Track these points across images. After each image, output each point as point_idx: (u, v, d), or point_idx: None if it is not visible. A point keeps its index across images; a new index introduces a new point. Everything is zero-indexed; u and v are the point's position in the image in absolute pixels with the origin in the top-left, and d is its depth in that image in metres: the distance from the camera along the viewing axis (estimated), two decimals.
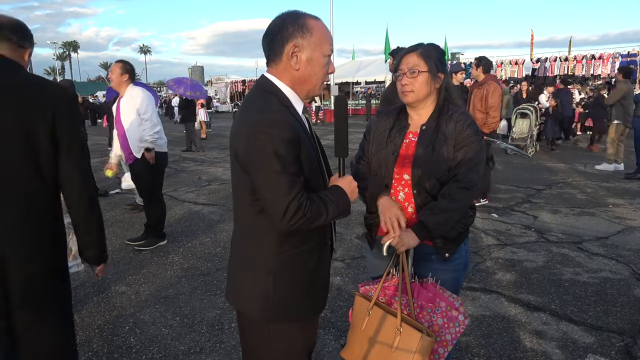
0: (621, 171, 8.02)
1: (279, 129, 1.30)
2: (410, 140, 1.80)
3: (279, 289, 1.44)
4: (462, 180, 1.69)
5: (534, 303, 3.23)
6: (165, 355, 2.66)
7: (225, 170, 9.06)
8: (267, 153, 1.29)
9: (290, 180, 1.30)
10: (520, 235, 4.74)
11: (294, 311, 1.49)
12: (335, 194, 1.43)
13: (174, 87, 12.36)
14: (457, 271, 1.83)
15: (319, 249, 1.52)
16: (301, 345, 1.55)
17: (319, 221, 1.36)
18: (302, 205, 1.30)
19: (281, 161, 1.28)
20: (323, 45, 1.42)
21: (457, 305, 1.67)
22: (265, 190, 1.33)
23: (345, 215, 1.49)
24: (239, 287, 1.53)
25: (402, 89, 1.78)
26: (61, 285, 1.77)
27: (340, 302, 3.26)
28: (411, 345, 1.56)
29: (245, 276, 1.50)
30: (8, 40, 1.67)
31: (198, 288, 3.56)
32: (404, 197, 1.79)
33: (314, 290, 1.52)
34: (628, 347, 2.67)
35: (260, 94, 1.43)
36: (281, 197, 1.29)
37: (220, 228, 5.12)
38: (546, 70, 19.11)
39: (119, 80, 4.15)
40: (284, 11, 1.45)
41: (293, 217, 1.30)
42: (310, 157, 1.41)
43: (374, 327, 1.67)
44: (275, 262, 1.44)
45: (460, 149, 1.70)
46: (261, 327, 1.50)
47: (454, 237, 1.77)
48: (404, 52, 1.80)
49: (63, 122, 1.64)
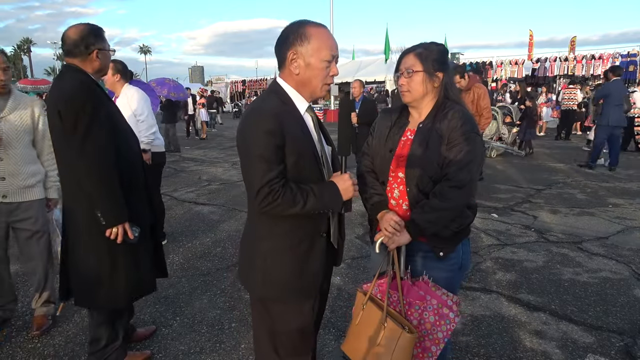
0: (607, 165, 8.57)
1: (263, 120, 1.47)
2: (407, 138, 1.82)
3: (270, 270, 1.60)
4: (452, 179, 1.68)
5: (533, 303, 3.23)
6: (165, 355, 2.66)
7: (225, 170, 9.05)
8: (250, 140, 1.48)
9: (267, 167, 1.46)
10: (520, 235, 4.74)
11: (285, 292, 1.62)
12: (323, 188, 1.54)
13: (157, 89, 12.30)
14: (451, 271, 1.82)
15: (310, 238, 1.61)
16: (294, 326, 1.66)
17: (293, 209, 1.49)
18: (273, 190, 1.45)
19: (260, 149, 1.45)
20: (322, 51, 1.55)
21: (451, 303, 1.68)
22: (244, 173, 1.54)
23: (335, 210, 1.61)
24: (242, 267, 1.72)
25: (399, 89, 1.82)
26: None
27: (340, 302, 3.26)
28: (392, 341, 1.60)
29: (247, 257, 1.67)
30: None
31: (198, 288, 3.56)
32: (399, 194, 1.81)
33: (304, 276, 1.62)
34: (628, 347, 2.67)
35: (266, 94, 1.63)
36: (256, 180, 1.47)
37: (220, 228, 5.12)
38: (546, 70, 19.10)
39: (111, 80, 4.13)
40: (294, 21, 1.61)
41: (263, 200, 1.46)
42: (302, 150, 1.53)
43: (366, 321, 1.73)
44: (266, 244, 1.60)
45: (452, 147, 1.69)
46: (260, 304, 1.68)
47: (448, 237, 1.76)
48: (404, 52, 1.82)
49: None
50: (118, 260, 2.18)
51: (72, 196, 2.16)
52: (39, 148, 2.81)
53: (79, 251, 2.18)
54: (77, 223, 2.17)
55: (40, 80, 15.78)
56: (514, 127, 10.31)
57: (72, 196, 2.16)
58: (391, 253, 1.74)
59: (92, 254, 2.15)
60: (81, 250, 2.17)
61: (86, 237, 2.15)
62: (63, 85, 2.11)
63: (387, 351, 1.60)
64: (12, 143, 2.61)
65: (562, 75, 18.95)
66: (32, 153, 2.76)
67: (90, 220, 2.09)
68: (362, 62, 25.54)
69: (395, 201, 1.82)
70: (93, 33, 2.18)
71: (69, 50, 2.15)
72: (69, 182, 2.16)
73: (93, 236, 2.13)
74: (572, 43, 19.51)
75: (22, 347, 2.73)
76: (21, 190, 2.68)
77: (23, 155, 2.67)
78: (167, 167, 9.23)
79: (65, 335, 2.86)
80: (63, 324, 2.99)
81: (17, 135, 2.64)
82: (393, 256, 1.74)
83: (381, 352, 1.61)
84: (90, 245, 2.15)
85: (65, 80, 2.13)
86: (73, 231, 2.19)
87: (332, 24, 23.20)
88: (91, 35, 2.16)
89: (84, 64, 2.17)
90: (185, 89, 13.61)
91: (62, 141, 2.09)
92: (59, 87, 2.13)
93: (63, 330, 2.92)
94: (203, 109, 15.98)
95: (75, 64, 2.16)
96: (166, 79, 13.06)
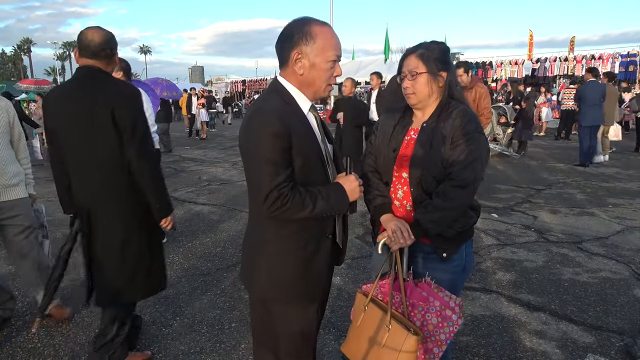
0: (606, 161, 9.08)
1: (268, 123, 1.42)
2: (411, 138, 1.81)
3: (273, 272, 1.57)
4: (455, 179, 1.67)
5: (533, 303, 3.23)
6: (165, 355, 2.66)
7: (225, 170, 9.06)
8: (257, 144, 1.43)
9: (274, 171, 1.41)
10: (520, 235, 4.74)
11: (289, 294, 1.59)
12: (330, 190, 1.51)
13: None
14: (454, 273, 1.81)
15: (316, 240, 1.58)
16: (296, 328, 1.63)
17: (302, 212, 1.46)
18: (282, 195, 1.41)
19: (267, 152, 1.41)
20: (327, 51, 1.51)
21: (453, 305, 1.66)
22: (250, 177, 1.50)
23: (342, 212, 1.58)
24: (245, 268, 1.68)
25: (404, 92, 1.79)
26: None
27: (340, 302, 3.26)
28: (397, 344, 1.58)
29: (250, 258, 1.64)
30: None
31: (198, 288, 3.56)
32: (402, 195, 1.80)
33: (308, 278, 1.59)
34: (628, 347, 2.67)
35: (268, 94, 1.58)
36: (263, 185, 1.42)
37: (220, 228, 5.12)
38: (546, 70, 19.10)
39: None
40: (296, 18, 1.56)
41: (272, 204, 1.42)
42: (309, 151, 1.50)
43: (368, 323, 1.71)
44: (272, 246, 1.56)
45: (456, 147, 1.68)
46: (262, 306, 1.64)
47: (451, 237, 1.75)
48: (405, 53, 1.80)
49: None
50: (156, 252, 2.35)
51: (103, 197, 2.18)
52: (15, 148, 2.88)
53: (113, 248, 2.22)
54: (110, 223, 2.20)
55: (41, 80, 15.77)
56: (508, 127, 10.24)
57: (103, 197, 2.18)
58: (394, 254, 1.73)
59: (132, 249, 2.24)
60: (117, 247, 2.21)
61: (124, 234, 2.21)
62: (118, 88, 2.19)
63: (392, 353, 1.58)
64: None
65: (562, 75, 18.94)
66: (12, 153, 2.82)
67: (129, 218, 2.20)
68: (362, 62, 25.50)
69: (399, 202, 1.81)
70: (114, 38, 2.29)
71: (95, 53, 2.18)
72: (99, 183, 2.17)
73: (133, 232, 2.23)
74: (571, 43, 19.51)
75: (22, 347, 2.73)
76: (8, 189, 2.74)
77: (4, 157, 2.73)
78: (167, 167, 9.27)
79: (65, 335, 2.86)
80: (63, 323, 2.99)
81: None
82: (396, 257, 1.72)
83: (386, 354, 1.59)
84: (132, 241, 2.23)
85: (114, 83, 2.22)
86: (104, 230, 2.21)
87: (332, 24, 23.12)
88: (114, 40, 2.27)
89: (107, 66, 2.25)
90: (178, 88, 13.61)
91: (109, 142, 2.11)
92: (116, 90, 2.17)
93: (63, 330, 2.92)
94: (203, 109, 15.97)
95: (99, 66, 2.20)
96: (159, 78, 13.10)
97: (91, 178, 2.18)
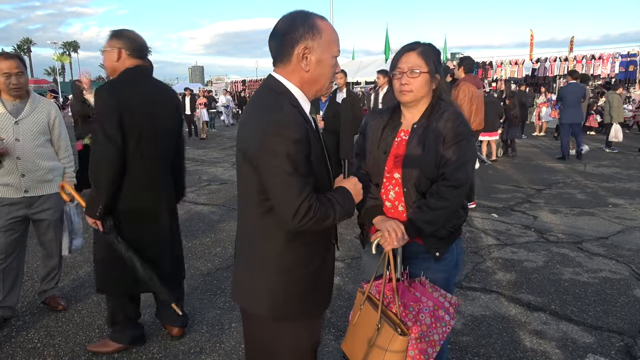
0: (588, 151, 9.71)
1: (291, 131, 1.30)
2: (402, 139, 1.81)
3: (284, 288, 1.45)
4: (449, 179, 1.68)
5: (533, 303, 3.23)
6: (165, 355, 2.66)
7: (225, 170, 9.05)
8: (279, 155, 1.29)
9: (302, 181, 1.31)
10: (520, 235, 4.74)
11: (300, 310, 1.49)
12: (341, 195, 1.44)
13: None
14: (447, 271, 1.83)
15: (324, 250, 1.53)
16: (307, 343, 1.56)
17: (327, 222, 1.37)
18: (312, 206, 1.32)
19: (293, 163, 1.29)
20: (332, 46, 1.43)
21: (448, 305, 1.67)
22: (276, 192, 1.33)
23: (349, 217, 1.50)
24: (245, 286, 1.52)
25: (400, 88, 1.76)
26: None
27: (340, 302, 3.26)
28: (385, 343, 1.58)
29: (251, 276, 1.50)
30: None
31: (198, 288, 3.56)
32: (394, 196, 1.80)
33: (318, 290, 1.53)
34: (628, 347, 2.67)
35: (270, 94, 1.42)
36: (293, 198, 1.30)
37: (220, 228, 5.12)
38: (546, 70, 19.08)
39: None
40: (292, 11, 1.43)
41: (303, 218, 1.31)
42: (318, 155, 1.42)
43: (362, 322, 1.72)
44: (281, 262, 1.44)
45: (449, 147, 1.70)
46: (268, 326, 1.50)
47: (444, 236, 1.77)
48: (403, 50, 1.78)
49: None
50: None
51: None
52: (56, 147, 3.03)
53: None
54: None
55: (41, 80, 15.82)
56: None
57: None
58: (387, 254, 1.73)
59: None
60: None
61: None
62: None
63: (379, 352, 1.59)
64: (28, 143, 2.81)
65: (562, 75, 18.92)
66: (49, 151, 2.96)
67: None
68: (362, 62, 25.52)
69: (390, 203, 1.81)
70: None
71: (141, 52, 2.43)
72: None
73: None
74: (571, 43, 19.50)
75: (22, 347, 2.73)
76: (40, 185, 2.88)
77: (40, 154, 2.86)
78: None
79: (65, 335, 2.86)
80: (63, 323, 2.99)
81: (33, 136, 2.83)
82: (389, 257, 1.73)
83: (375, 352, 1.60)
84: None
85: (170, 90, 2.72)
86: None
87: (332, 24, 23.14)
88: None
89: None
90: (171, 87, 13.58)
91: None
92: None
93: (63, 330, 2.92)
94: (204, 109, 15.97)
95: (146, 65, 2.49)
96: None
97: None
